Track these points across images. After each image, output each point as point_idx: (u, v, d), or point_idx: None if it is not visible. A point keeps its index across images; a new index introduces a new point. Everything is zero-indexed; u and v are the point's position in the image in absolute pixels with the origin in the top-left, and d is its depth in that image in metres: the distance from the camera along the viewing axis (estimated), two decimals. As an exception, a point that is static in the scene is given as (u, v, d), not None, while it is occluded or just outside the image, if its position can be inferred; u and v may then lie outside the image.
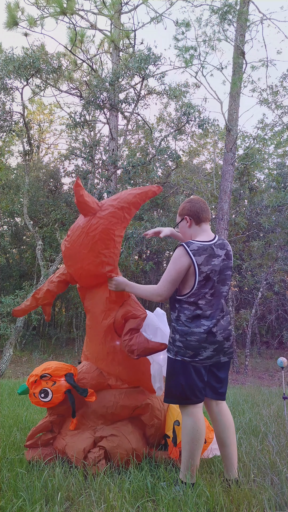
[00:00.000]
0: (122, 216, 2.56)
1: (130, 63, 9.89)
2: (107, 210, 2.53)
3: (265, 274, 12.73)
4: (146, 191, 2.62)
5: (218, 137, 15.86)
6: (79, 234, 2.55)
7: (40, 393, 2.55)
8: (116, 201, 2.57)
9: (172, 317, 2.31)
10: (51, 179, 15.94)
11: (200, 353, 2.17)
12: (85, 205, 2.52)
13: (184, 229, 2.41)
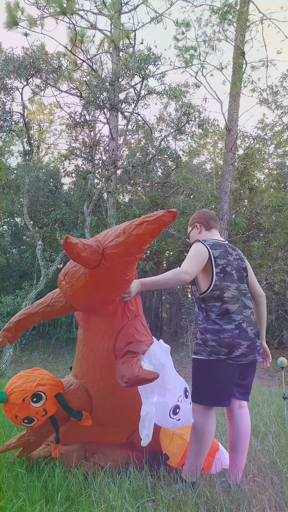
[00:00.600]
0: (132, 260, 2.08)
1: (130, 63, 9.90)
2: (113, 260, 2.05)
3: (265, 274, 12.72)
4: (158, 226, 1.93)
5: (218, 137, 15.86)
6: (83, 285, 2.14)
7: (24, 419, 2.21)
8: (121, 247, 2.02)
9: (200, 318, 2.30)
10: (51, 179, 15.93)
11: (234, 349, 2.18)
12: (84, 261, 2.04)
13: (195, 237, 2.52)
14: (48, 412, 2.27)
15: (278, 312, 14.95)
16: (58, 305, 2.40)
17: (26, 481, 2.22)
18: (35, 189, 14.08)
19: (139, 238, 1.97)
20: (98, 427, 2.43)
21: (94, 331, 2.36)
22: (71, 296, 2.25)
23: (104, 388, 2.33)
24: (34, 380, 2.29)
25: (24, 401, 2.19)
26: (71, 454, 2.43)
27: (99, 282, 2.11)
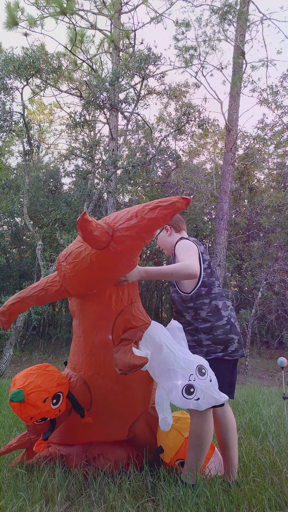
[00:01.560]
0: (141, 244, 2.04)
1: (130, 63, 9.90)
2: (124, 244, 1.99)
3: (265, 274, 12.72)
4: (171, 211, 1.91)
5: (218, 137, 15.86)
6: (87, 267, 2.08)
7: (37, 421, 2.10)
8: (133, 230, 1.96)
9: (187, 318, 2.25)
10: (51, 179, 15.94)
11: (229, 345, 2.18)
12: (95, 241, 1.97)
13: (165, 238, 2.45)
14: (60, 412, 2.20)
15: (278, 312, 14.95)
16: (53, 289, 2.34)
17: (26, 481, 2.22)
18: (35, 189, 14.09)
19: (151, 222, 1.93)
20: (99, 422, 2.39)
21: (90, 321, 2.29)
22: (71, 278, 2.16)
23: (104, 378, 2.26)
24: (53, 380, 2.14)
25: (45, 402, 2.04)
26: (72, 457, 2.42)
27: (104, 264, 2.05)
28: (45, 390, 2.06)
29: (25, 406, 2.03)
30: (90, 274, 2.11)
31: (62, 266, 2.21)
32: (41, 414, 2.06)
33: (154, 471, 2.38)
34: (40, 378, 2.10)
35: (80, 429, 2.42)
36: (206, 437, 2.13)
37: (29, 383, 2.06)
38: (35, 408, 2.03)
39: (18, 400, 1.99)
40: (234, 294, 14.35)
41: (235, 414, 4.11)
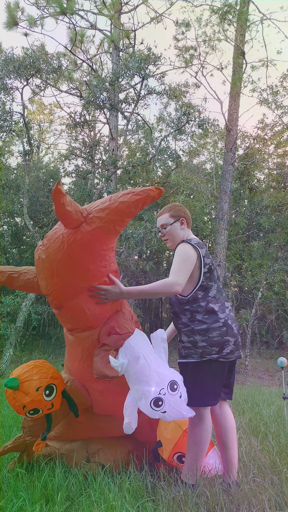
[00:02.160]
0: (112, 229, 2.08)
1: (130, 63, 9.89)
2: (94, 224, 2.04)
3: (265, 274, 12.73)
4: (144, 197, 2.04)
5: (218, 137, 15.86)
6: (58, 247, 2.09)
7: (30, 410, 2.16)
8: (105, 212, 2.04)
9: (183, 320, 2.27)
10: (51, 179, 15.94)
11: (224, 347, 2.19)
12: (66, 216, 2.01)
13: (177, 230, 2.42)
14: (53, 407, 2.24)
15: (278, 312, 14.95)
16: (25, 277, 2.33)
17: (26, 481, 2.22)
18: (35, 189, 14.09)
19: (122, 205, 2.02)
20: (98, 418, 2.44)
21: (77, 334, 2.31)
22: (43, 262, 2.16)
23: (98, 381, 2.28)
24: (48, 372, 2.23)
25: (38, 391, 2.13)
26: (72, 454, 2.42)
27: (74, 247, 2.05)
28: (38, 379, 2.16)
29: (19, 394, 2.11)
30: (60, 257, 2.08)
31: (38, 250, 2.22)
32: (33, 403, 2.12)
33: (154, 471, 2.38)
34: (35, 369, 2.21)
35: (80, 424, 2.46)
36: (204, 436, 2.14)
37: (24, 372, 2.17)
38: (28, 395, 2.10)
39: (12, 385, 2.08)
40: (234, 294, 14.35)
41: (235, 414, 4.11)
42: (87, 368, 2.30)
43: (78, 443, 2.50)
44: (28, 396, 2.11)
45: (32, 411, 2.16)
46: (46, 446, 2.56)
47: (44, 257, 2.16)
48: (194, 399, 2.17)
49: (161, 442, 2.36)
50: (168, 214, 2.45)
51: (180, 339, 2.31)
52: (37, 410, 2.18)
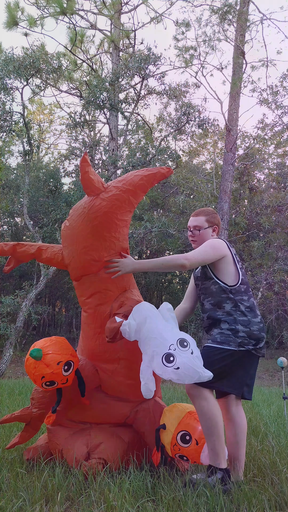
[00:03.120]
0: (126, 199, 2.36)
1: (130, 63, 9.90)
2: (111, 192, 2.35)
3: (265, 274, 12.73)
4: (155, 173, 2.39)
5: (218, 137, 15.86)
6: (79, 214, 2.39)
7: (46, 382, 2.29)
8: (121, 182, 2.38)
9: (226, 308, 2.30)
10: (51, 179, 15.94)
11: (260, 342, 2.24)
12: (89, 183, 2.34)
13: (207, 236, 2.51)
14: (67, 382, 2.35)
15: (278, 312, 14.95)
16: (52, 249, 2.61)
17: (26, 481, 2.22)
18: (35, 189, 14.08)
19: (137, 178, 2.37)
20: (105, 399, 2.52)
21: (92, 308, 2.48)
22: (67, 230, 2.44)
23: (108, 360, 2.45)
24: (68, 349, 2.37)
25: (58, 365, 2.26)
26: (72, 452, 2.42)
27: (93, 212, 2.32)
28: (61, 354, 2.29)
29: (40, 365, 2.24)
30: (81, 224, 2.36)
31: (63, 224, 2.53)
32: (52, 375, 2.25)
33: (154, 471, 2.38)
34: (57, 345, 2.35)
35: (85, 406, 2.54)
36: (216, 416, 2.12)
37: (48, 345, 2.31)
38: (49, 367, 2.24)
39: (37, 356, 2.22)
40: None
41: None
42: (99, 346, 2.45)
43: (78, 438, 2.50)
44: (49, 368, 2.24)
45: (49, 382, 2.28)
46: (50, 441, 2.58)
47: (68, 224, 2.47)
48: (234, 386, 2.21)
49: (165, 425, 2.34)
50: (205, 218, 2.52)
51: (217, 326, 2.29)
52: (53, 383, 2.29)
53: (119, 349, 2.43)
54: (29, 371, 2.30)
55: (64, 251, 2.53)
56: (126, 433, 2.53)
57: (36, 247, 2.63)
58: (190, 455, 2.24)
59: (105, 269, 2.38)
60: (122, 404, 2.51)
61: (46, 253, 2.62)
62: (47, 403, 2.49)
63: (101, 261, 2.39)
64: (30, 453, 2.58)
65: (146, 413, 2.47)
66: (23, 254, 2.64)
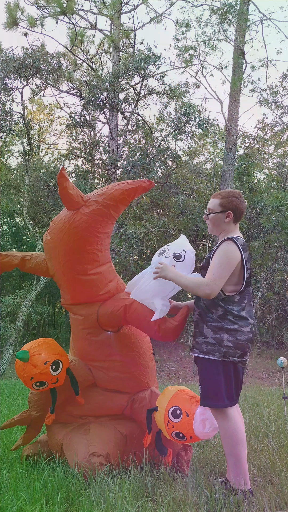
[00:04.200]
0: (107, 213, 2.37)
1: (130, 63, 9.89)
2: (91, 207, 2.35)
3: (265, 274, 12.73)
4: (136, 186, 2.38)
5: (218, 137, 15.86)
6: (60, 228, 2.39)
7: (37, 382, 2.35)
8: (101, 197, 2.37)
9: (213, 315, 2.16)
10: (51, 179, 15.94)
11: (246, 352, 2.14)
12: (68, 198, 2.33)
13: (219, 222, 2.28)
14: (58, 382, 2.39)
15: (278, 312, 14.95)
16: (36, 259, 2.62)
17: (26, 481, 2.22)
18: (35, 189, 14.08)
19: (117, 192, 2.36)
20: (102, 394, 2.57)
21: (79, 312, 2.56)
22: (49, 243, 2.47)
23: (100, 358, 2.52)
24: (55, 349, 2.43)
25: (46, 365, 2.32)
26: (73, 450, 2.41)
27: (74, 226, 2.34)
28: (47, 354, 2.36)
29: (28, 366, 2.31)
30: (62, 238, 2.38)
31: (46, 233, 2.55)
32: (41, 376, 2.31)
33: (154, 471, 2.38)
34: (44, 345, 2.42)
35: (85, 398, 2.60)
36: (239, 436, 2.06)
37: (34, 347, 2.39)
38: (36, 368, 2.30)
39: (23, 357, 2.29)
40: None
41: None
42: (89, 346, 2.51)
43: (78, 433, 2.50)
44: (36, 369, 2.30)
45: (39, 383, 2.34)
46: (50, 439, 2.59)
47: (49, 238, 2.47)
48: (214, 399, 2.10)
49: (157, 407, 2.38)
50: (220, 201, 2.28)
51: (201, 333, 2.19)
52: (43, 383, 2.35)
53: (109, 346, 2.49)
54: (19, 374, 2.35)
55: (48, 262, 2.55)
56: (124, 427, 2.56)
57: (19, 257, 2.61)
58: (183, 429, 2.24)
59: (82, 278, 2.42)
60: (119, 395, 2.56)
61: (30, 263, 2.60)
62: (44, 404, 2.53)
63: (86, 274, 2.40)
64: (29, 450, 2.60)
65: (143, 401, 2.52)
66: (6, 264, 2.61)
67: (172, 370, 12.09)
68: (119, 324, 2.47)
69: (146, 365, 2.59)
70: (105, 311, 2.44)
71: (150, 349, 2.67)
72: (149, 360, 2.63)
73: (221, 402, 2.09)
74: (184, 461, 2.47)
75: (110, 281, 2.54)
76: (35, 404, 2.55)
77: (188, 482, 2.19)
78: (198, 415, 2.23)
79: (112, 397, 2.56)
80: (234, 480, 2.07)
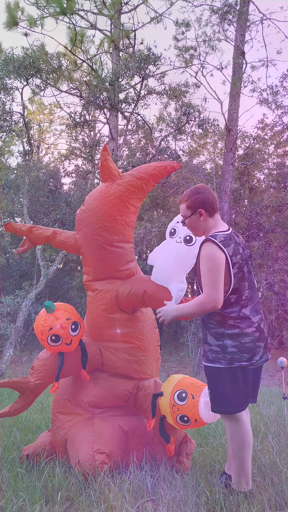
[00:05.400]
0: (140, 186, 2.65)
1: (130, 63, 9.89)
2: (126, 179, 2.65)
3: (265, 274, 12.72)
4: (166, 165, 2.71)
5: (218, 137, 15.85)
6: (96, 197, 2.66)
7: (54, 335, 2.46)
8: (135, 171, 2.68)
9: (212, 321, 2.10)
10: (51, 179, 15.93)
11: (256, 353, 2.04)
12: (107, 170, 2.64)
13: (196, 223, 2.19)
14: (71, 345, 2.49)
15: (278, 312, 14.94)
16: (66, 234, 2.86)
17: (26, 481, 2.22)
18: (35, 189, 14.07)
19: (150, 168, 2.69)
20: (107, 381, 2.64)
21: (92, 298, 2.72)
22: (82, 213, 2.70)
23: (112, 338, 2.63)
24: (77, 314, 2.64)
25: (67, 321, 2.49)
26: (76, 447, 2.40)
27: (108, 195, 2.60)
28: (70, 313, 2.57)
29: (50, 317, 2.50)
30: (96, 206, 2.62)
31: (79, 209, 2.78)
32: (60, 329, 2.45)
33: (154, 471, 2.38)
34: (68, 307, 2.65)
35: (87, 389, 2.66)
36: (246, 439, 2.05)
37: (60, 305, 2.63)
38: (58, 320, 2.48)
39: (49, 307, 2.49)
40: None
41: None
42: (103, 323, 2.64)
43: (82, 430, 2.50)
44: (58, 321, 2.47)
45: (55, 337, 2.45)
46: (54, 434, 2.61)
47: (84, 208, 2.72)
48: (228, 407, 2.05)
49: (162, 392, 2.42)
50: (185, 204, 2.19)
51: (206, 341, 2.14)
52: (59, 339, 2.46)
53: (122, 326, 2.63)
54: (38, 324, 2.49)
55: (77, 234, 2.76)
56: (127, 424, 2.58)
57: (51, 230, 2.86)
58: (189, 411, 2.27)
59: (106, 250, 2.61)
60: (125, 381, 2.63)
61: (60, 236, 2.84)
62: (47, 372, 2.54)
63: (112, 245, 2.61)
64: (30, 450, 2.60)
65: (147, 389, 2.57)
66: (38, 236, 2.85)
67: (172, 370, 12.09)
68: (136, 304, 2.59)
69: (153, 354, 2.71)
70: (125, 289, 2.56)
71: (158, 341, 2.76)
72: (156, 351, 2.74)
73: (230, 408, 2.05)
74: (185, 452, 2.46)
75: (131, 261, 2.73)
76: (37, 370, 2.56)
77: (188, 482, 2.19)
78: (203, 397, 2.27)
79: (118, 383, 2.62)
80: (236, 481, 2.06)
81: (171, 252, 2.46)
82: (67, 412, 2.63)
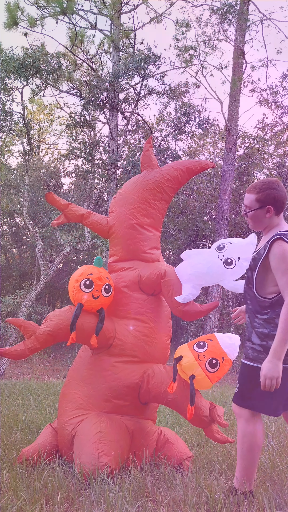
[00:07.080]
0: (176, 176, 2.88)
1: (130, 63, 9.89)
2: (164, 168, 2.92)
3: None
4: (201, 161, 2.96)
5: (218, 137, 15.86)
6: (134, 181, 2.92)
7: (87, 280, 2.59)
8: (172, 163, 2.95)
9: (258, 320, 2.04)
10: (51, 179, 15.93)
11: None
12: (148, 159, 2.93)
13: (260, 217, 2.10)
14: (96, 299, 2.59)
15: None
16: (96, 216, 3.04)
17: (26, 481, 2.22)
18: (35, 189, 14.07)
19: (186, 162, 2.96)
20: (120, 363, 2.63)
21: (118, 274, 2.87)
22: (118, 195, 2.94)
23: (125, 315, 2.72)
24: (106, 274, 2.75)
25: (107, 279, 2.66)
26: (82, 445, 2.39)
27: (146, 179, 2.87)
28: (110, 279, 2.73)
29: (94, 268, 2.68)
30: (134, 188, 2.88)
31: (117, 193, 3.00)
32: (99, 278, 2.61)
33: (154, 471, 2.38)
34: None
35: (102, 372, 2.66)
36: (257, 442, 2.00)
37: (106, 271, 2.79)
38: (99, 272, 2.65)
39: (100, 261, 2.72)
40: (234, 293, 14.34)
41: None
42: (122, 298, 2.75)
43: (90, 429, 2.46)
44: (99, 272, 2.65)
45: (89, 282, 2.59)
46: (60, 429, 2.58)
47: (121, 191, 2.97)
48: (258, 406, 2.01)
49: (181, 356, 2.45)
50: (255, 196, 2.10)
51: (249, 338, 2.08)
52: (92, 285, 2.58)
53: (140, 305, 2.73)
54: (80, 270, 2.67)
55: (110, 216, 2.97)
56: (133, 424, 2.57)
57: (86, 210, 3.08)
58: (214, 352, 2.38)
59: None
60: (133, 366, 2.62)
61: (94, 216, 3.03)
62: (58, 320, 2.55)
63: (142, 226, 2.82)
64: (29, 452, 2.58)
65: (159, 375, 2.55)
66: (74, 213, 3.05)
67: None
68: (154, 288, 2.69)
69: (163, 341, 2.75)
70: (148, 270, 2.71)
71: (170, 331, 2.82)
72: (167, 339, 2.79)
73: (262, 409, 2.02)
74: (217, 415, 2.39)
75: (157, 248, 2.92)
76: (50, 319, 2.59)
77: (188, 482, 2.19)
78: (218, 333, 2.46)
79: (126, 369, 2.61)
80: (238, 480, 2.03)
81: (207, 262, 2.46)
82: (75, 407, 2.60)
